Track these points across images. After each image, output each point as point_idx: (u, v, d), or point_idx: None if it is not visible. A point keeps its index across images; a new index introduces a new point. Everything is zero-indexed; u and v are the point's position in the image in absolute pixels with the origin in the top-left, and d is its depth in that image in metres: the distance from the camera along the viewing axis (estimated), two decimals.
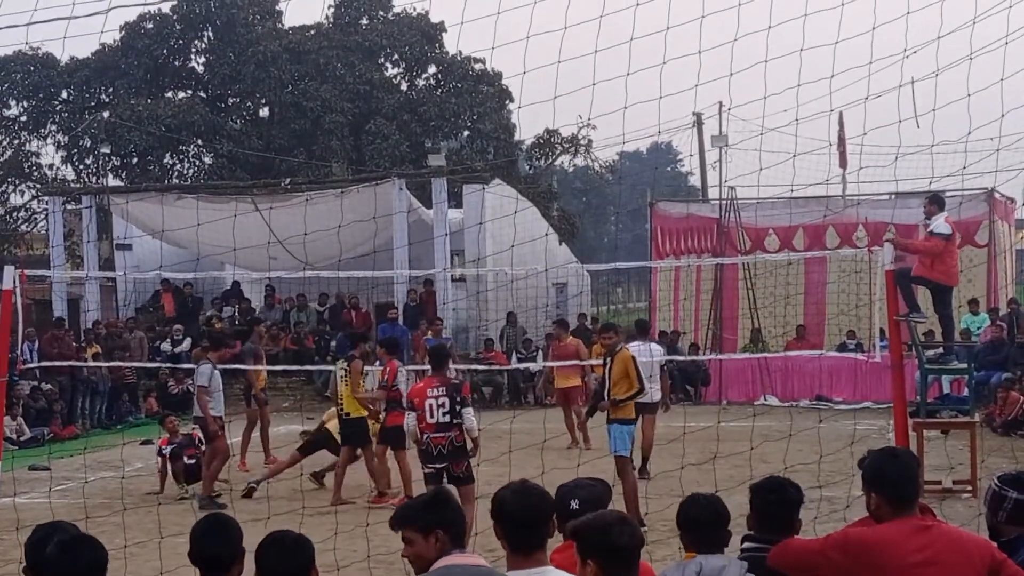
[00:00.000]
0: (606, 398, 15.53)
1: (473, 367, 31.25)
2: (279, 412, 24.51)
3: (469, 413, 14.33)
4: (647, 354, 19.98)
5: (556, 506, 6.05)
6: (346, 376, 17.89)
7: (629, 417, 15.55)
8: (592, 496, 6.30)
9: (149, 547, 13.22)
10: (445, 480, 13.85)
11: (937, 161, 16.54)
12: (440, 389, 14.22)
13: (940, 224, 16.88)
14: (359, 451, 17.94)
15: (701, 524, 6.27)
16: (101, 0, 13.64)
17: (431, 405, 14.09)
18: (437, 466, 14.07)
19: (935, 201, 17.37)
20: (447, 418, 14.08)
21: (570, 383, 24.54)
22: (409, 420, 14.48)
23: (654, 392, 20.05)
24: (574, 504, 6.14)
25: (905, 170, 36.82)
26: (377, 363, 19.38)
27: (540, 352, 31.38)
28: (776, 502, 6.48)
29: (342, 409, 17.94)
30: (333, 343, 32.45)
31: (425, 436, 14.09)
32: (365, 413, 17.75)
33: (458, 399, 14.26)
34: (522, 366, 30.75)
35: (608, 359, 15.59)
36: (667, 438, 20.61)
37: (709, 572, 6.12)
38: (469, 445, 14.42)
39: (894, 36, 13.75)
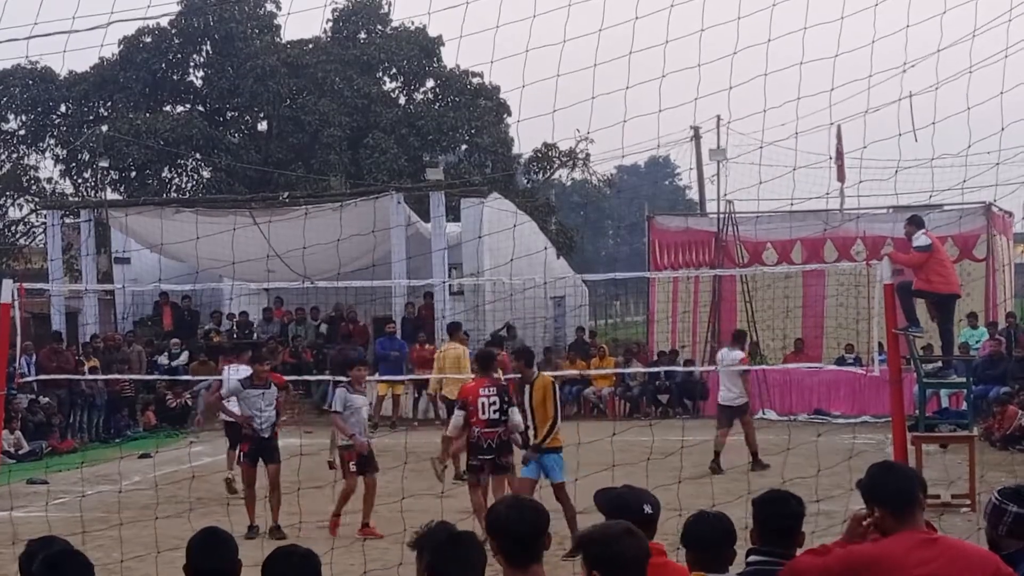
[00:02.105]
0: (531, 433, 15.62)
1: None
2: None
3: (515, 412, 15.42)
4: (728, 359, 21.84)
5: (625, 511, 6.08)
6: None
7: (559, 445, 15.61)
8: (657, 501, 6.35)
9: (147, 561, 13.19)
10: (488, 471, 15.32)
11: (936, 175, 16.63)
12: (491, 389, 15.47)
13: (919, 238, 17.22)
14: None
15: (709, 543, 6.21)
16: (100, 14, 13.67)
17: (483, 403, 15.31)
18: (485, 458, 15.29)
19: (913, 222, 17.80)
20: (497, 415, 15.32)
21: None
22: (455, 418, 15.82)
23: (735, 397, 21.57)
24: (647, 508, 6.18)
25: (904, 184, 36.84)
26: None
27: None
28: (780, 515, 6.44)
29: None
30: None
31: (476, 431, 15.32)
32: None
33: (507, 399, 15.44)
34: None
35: (527, 387, 15.68)
36: (664, 451, 20.62)
37: None
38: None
39: (893, 50, 13.77)
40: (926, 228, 17.67)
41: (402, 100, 49.93)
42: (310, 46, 47.94)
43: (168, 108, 48.88)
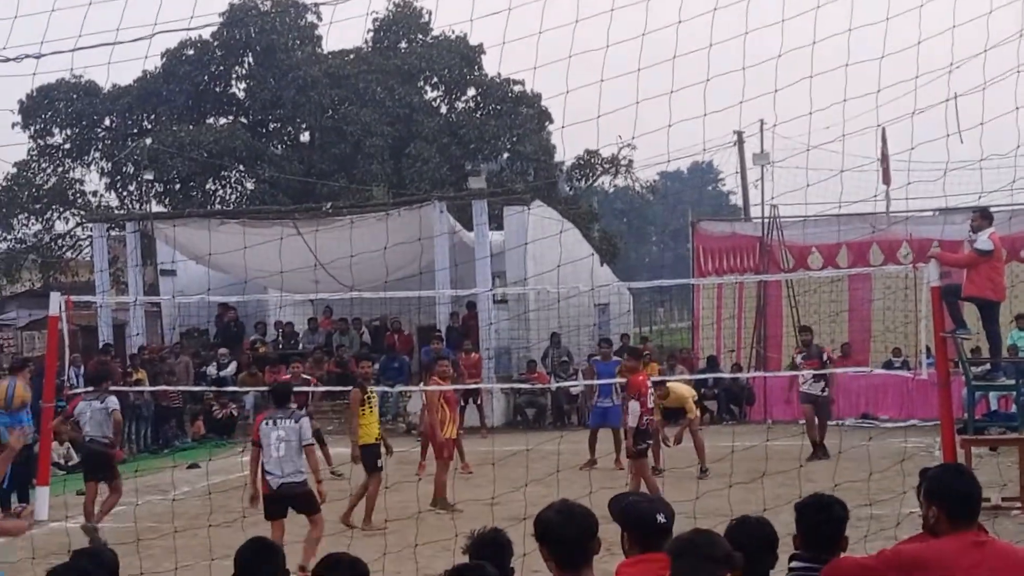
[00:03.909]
0: None
1: (516, 387, 31.28)
2: (326, 435, 24.49)
3: None
4: None
5: (638, 521, 6.12)
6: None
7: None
8: (672, 511, 6.30)
9: (198, 569, 13.26)
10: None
11: (985, 176, 16.41)
12: (650, 382, 18.12)
13: (983, 240, 16.85)
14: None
15: (751, 548, 6.16)
16: (143, 26, 13.75)
17: (651, 395, 17.80)
18: (648, 443, 17.78)
19: (985, 216, 17.31)
20: (652, 405, 18.02)
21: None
22: (634, 407, 17.43)
23: None
24: (660, 518, 6.14)
25: (952, 186, 36.57)
26: None
27: (580, 374, 31.28)
28: (823, 521, 6.41)
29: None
30: (376, 366, 32.49)
31: (644, 419, 17.36)
32: (372, 440, 17.69)
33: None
34: (565, 385, 30.60)
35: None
36: (713, 458, 20.56)
37: None
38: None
39: (940, 50, 13.68)
40: (994, 226, 17.40)
41: (443, 109, 50.03)
42: (351, 56, 48.13)
43: (211, 120, 49.14)
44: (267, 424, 14.35)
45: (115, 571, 6.74)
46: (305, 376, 24.61)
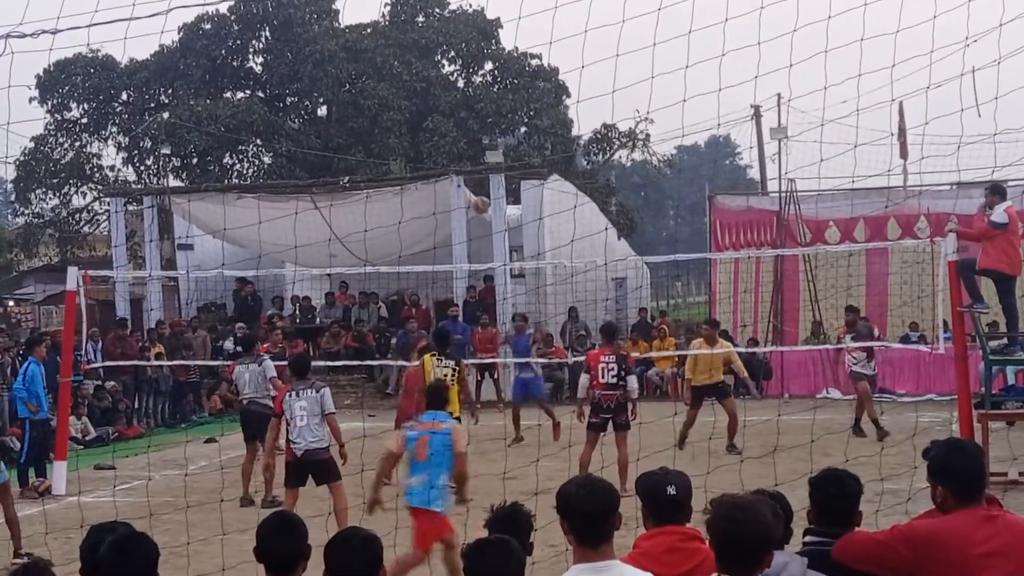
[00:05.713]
0: None
1: (533, 361, 31.27)
2: (341, 410, 24.52)
3: (633, 379, 17.55)
4: None
5: (649, 493, 6.27)
6: (455, 376, 17.72)
7: None
8: (686, 483, 6.40)
9: (213, 544, 13.30)
10: (609, 429, 17.21)
11: (999, 150, 16.37)
12: (611, 357, 17.33)
13: (999, 213, 16.84)
14: None
15: None
16: (160, 1, 13.74)
17: (603, 369, 17.20)
18: (605, 416, 17.15)
19: (996, 191, 17.31)
20: (615, 380, 17.21)
21: None
22: (582, 380, 17.56)
23: None
24: (671, 490, 6.26)
25: (967, 160, 36.55)
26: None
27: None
28: (836, 495, 6.41)
29: None
30: (394, 340, 32.53)
31: (596, 393, 17.19)
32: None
33: (624, 367, 17.39)
34: (582, 359, 30.51)
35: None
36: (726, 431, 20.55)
37: (772, 569, 6.07)
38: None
39: (955, 24, 13.60)
40: (1008, 200, 17.35)
41: (461, 83, 49.93)
42: (368, 30, 48.06)
43: (228, 94, 49.12)
44: (290, 396, 15.04)
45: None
46: (281, 345, 25.08)
